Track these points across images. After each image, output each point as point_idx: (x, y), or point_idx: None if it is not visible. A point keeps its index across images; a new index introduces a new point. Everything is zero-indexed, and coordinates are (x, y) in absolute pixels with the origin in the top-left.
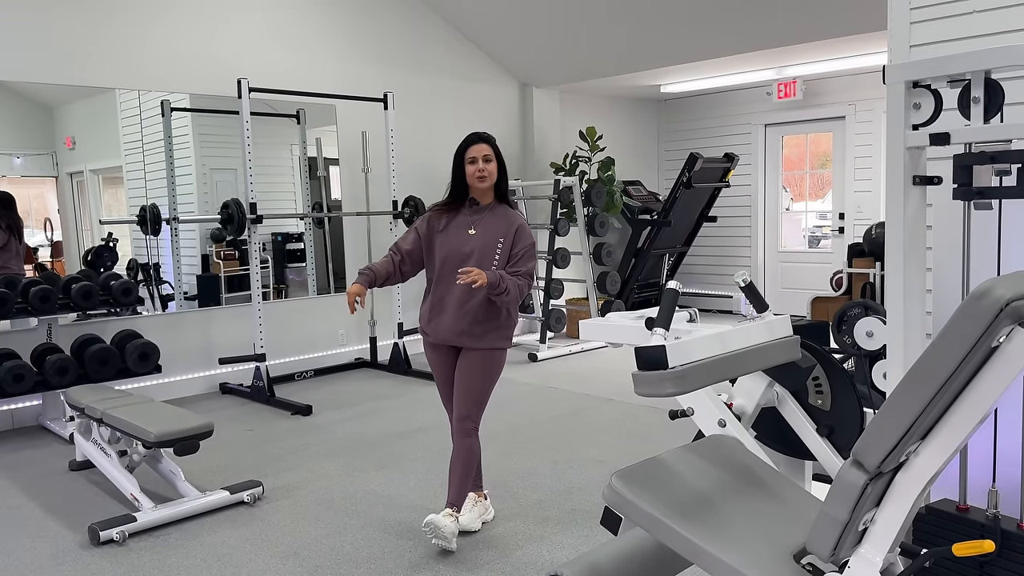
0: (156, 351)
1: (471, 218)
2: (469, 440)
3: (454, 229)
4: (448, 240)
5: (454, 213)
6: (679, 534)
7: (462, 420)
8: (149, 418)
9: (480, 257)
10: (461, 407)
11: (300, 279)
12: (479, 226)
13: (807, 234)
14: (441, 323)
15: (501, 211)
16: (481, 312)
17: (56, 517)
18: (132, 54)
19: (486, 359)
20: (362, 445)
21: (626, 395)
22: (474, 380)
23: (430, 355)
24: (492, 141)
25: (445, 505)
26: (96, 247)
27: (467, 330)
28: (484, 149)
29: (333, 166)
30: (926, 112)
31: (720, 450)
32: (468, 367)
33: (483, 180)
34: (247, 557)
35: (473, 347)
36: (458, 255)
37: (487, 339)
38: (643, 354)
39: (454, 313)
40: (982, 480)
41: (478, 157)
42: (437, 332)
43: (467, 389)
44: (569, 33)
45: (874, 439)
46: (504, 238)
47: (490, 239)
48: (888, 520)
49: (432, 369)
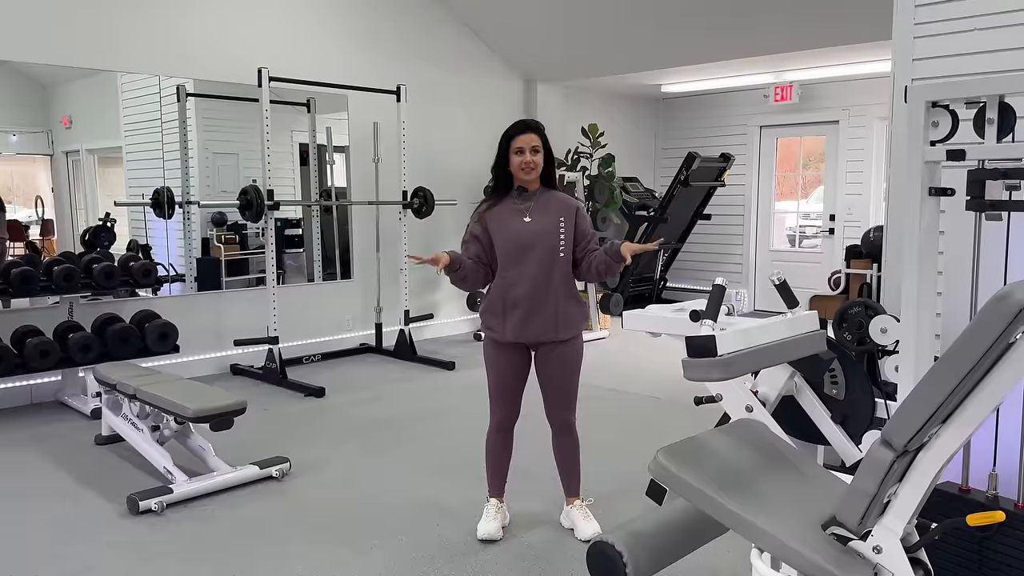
0: (175, 331)
1: (522, 206)
2: (573, 436)
3: (508, 220)
4: (505, 232)
5: (503, 205)
6: (722, 504)
7: (565, 420)
8: (185, 395)
9: (545, 244)
10: (561, 408)
11: (297, 264)
12: (533, 212)
13: (791, 233)
14: (519, 320)
15: (551, 195)
16: (562, 302)
17: (91, 487)
18: (138, 37)
19: (574, 349)
20: (379, 426)
21: (627, 384)
22: (570, 376)
23: (497, 354)
24: (541, 130)
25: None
26: (94, 227)
27: (550, 324)
28: (533, 139)
29: (336, 154)
30: (943, 129)
31: (750, 432)
32: (559, 363)
33: (530, 172)
34: (284, 528)
35: (558, 339)
36: (519, 245)
37: (571, 328)
38: (694, 343)
39: (531, 307)
40: (983, 465)
41: (526, 148)
42: (514, 330)
43: (563, 388)
44: (574, 31)
45: (903, 421)
46: (564, 218)
47: (549, 223)
48: (909, 494)
49: (495, 369)
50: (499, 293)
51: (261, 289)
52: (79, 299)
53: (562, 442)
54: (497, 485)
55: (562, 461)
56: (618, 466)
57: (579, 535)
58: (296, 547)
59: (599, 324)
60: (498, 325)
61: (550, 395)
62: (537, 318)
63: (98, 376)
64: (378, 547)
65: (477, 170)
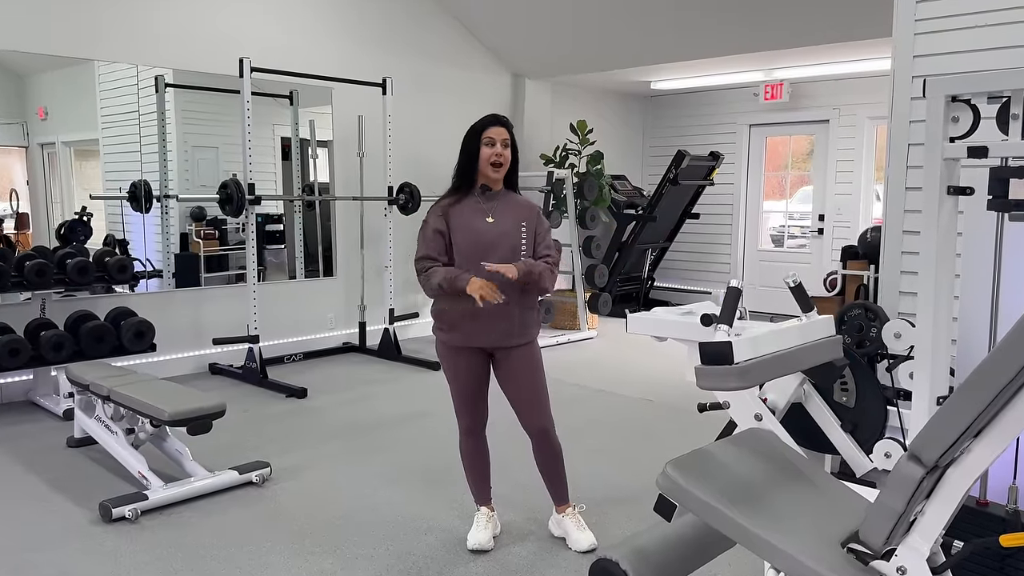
0: (152, 329)
1: (485, 205)
2: (553, 441)
3: (470, 219)
4: (466, 231)
5: (465, 202)
6: (734, 521)
7: (541, 427)
8: (161, 397)
9: (507, 245)
10: (534, 415)
11: (278, 261)
12: (496, 213)
13: (774, 233)
14: (475, 324)
15: (514, 197)
16: (518, 306)
17: (62, 492)
18: (116, 25)
19: (532, 352)
20: (363, 429)
21: (616, 386)
22: (535, 379)
23: (454, 360)
24: (511, 126)
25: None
26: (70, 221)
27: (508, 328)
28: (503, 133)
29: (319, 149)
30: (964, 125)
31: (760, 443)
32: (522, 367)
33: (499, 167)
34: (263, 536)
35: (516, 344)
36: (481, 245)
37: (528, 332)
38: (708, 349)
39: (491, 312)
40: (1002, 476)
41: (496, 140)
42: (470, 335)
43: (532, 392)
44: (563, 26)
45: (934, 435)
46: (526, 222)
47: (511, 225)
48: (937, 512)
49: (454, 375)
50: (454, 297)
51: (241, 286)
52: (52, 295)
53: (543, 450)
54: (481, 492)
55: (545, 470)
56: (611, 472)
57: (573, 546)
58: (277, 557)
59: (587, 324)
60: (452, 328)
61: (519, 403)
62: (494, 321)
63: (71, 376)
64: (363, 557)
65: None
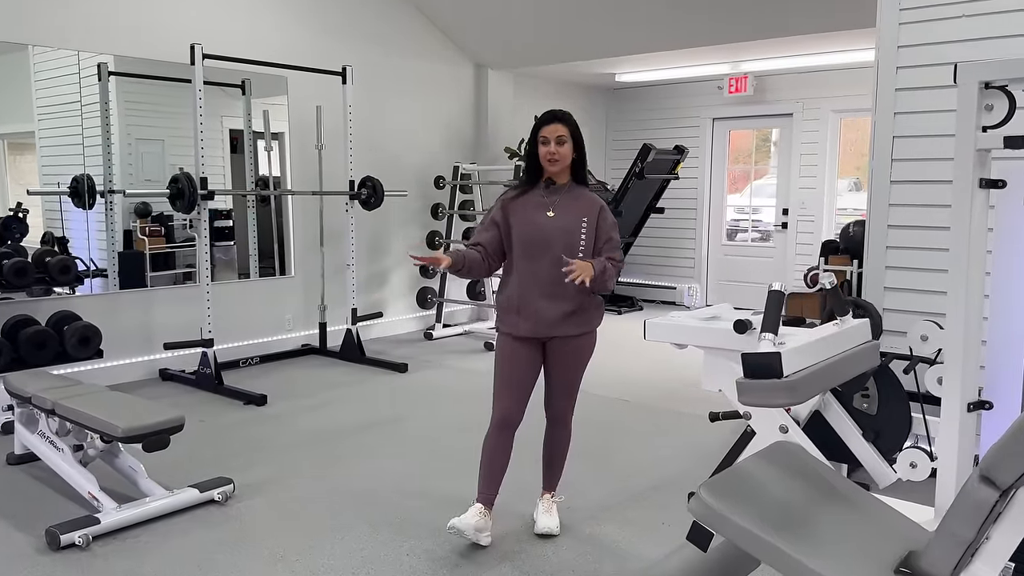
0: (98, 334)
1: (548, 199)
2: (568, 430)
3: (531, 212)
4: (524, 224)
5: (529, 195)
6: (779, 550)
7: (563, 412)
8: (113, 410)
9: (566, 240)
10: (562, 400)
11: (227, 258)
12: (558, 207)
13: (730, 227)
14: (532, 315)
15: (579, 192)
16: (577, 298)
17: (2, 517)
18: (53, 6)
19: (585, 345)
20: (329, 437)
21: (590, 386)
22: (577, 371)
23: (510, 348)
24: (569, 120)
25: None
26: (4, 218)
27: (564, 319)
28: (558, 130)
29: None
30: (999, 114)
31: (792, 458)
32: (568, 357)
33: (554, 163)
34: (230, 561)
35: (570, 334)
36: (536, 239)
37: (585, 323)
38: (753, 361)
39: (548, 303)
40: None
41: (550, 138)
42: (527, 325)
43: (568, 382)
44: (526, 16)
45: (1011, 455)
46: (587, 218)
47: (572, 221)
48: (1006, 537)
49: (506, 363)
50: (515, 288)
51: (192, 286)
52: None
53: (557, 435)
54: (488, 491)
55: (550, 453)
56: (586, 471)
57: (536, 528)
58: None
59: None
60: (513, 321)
61: (554, 386)
62: (556, 313)
63: (9, 387)
64: None
65: (427, 159)
